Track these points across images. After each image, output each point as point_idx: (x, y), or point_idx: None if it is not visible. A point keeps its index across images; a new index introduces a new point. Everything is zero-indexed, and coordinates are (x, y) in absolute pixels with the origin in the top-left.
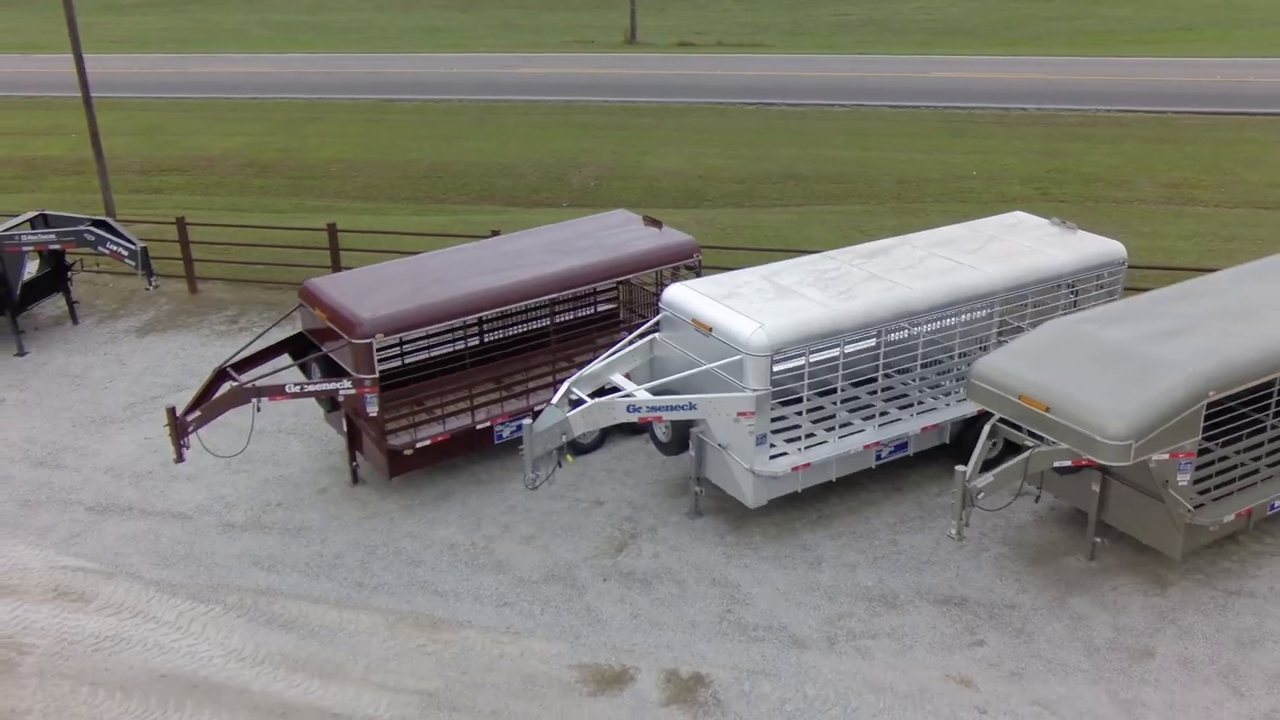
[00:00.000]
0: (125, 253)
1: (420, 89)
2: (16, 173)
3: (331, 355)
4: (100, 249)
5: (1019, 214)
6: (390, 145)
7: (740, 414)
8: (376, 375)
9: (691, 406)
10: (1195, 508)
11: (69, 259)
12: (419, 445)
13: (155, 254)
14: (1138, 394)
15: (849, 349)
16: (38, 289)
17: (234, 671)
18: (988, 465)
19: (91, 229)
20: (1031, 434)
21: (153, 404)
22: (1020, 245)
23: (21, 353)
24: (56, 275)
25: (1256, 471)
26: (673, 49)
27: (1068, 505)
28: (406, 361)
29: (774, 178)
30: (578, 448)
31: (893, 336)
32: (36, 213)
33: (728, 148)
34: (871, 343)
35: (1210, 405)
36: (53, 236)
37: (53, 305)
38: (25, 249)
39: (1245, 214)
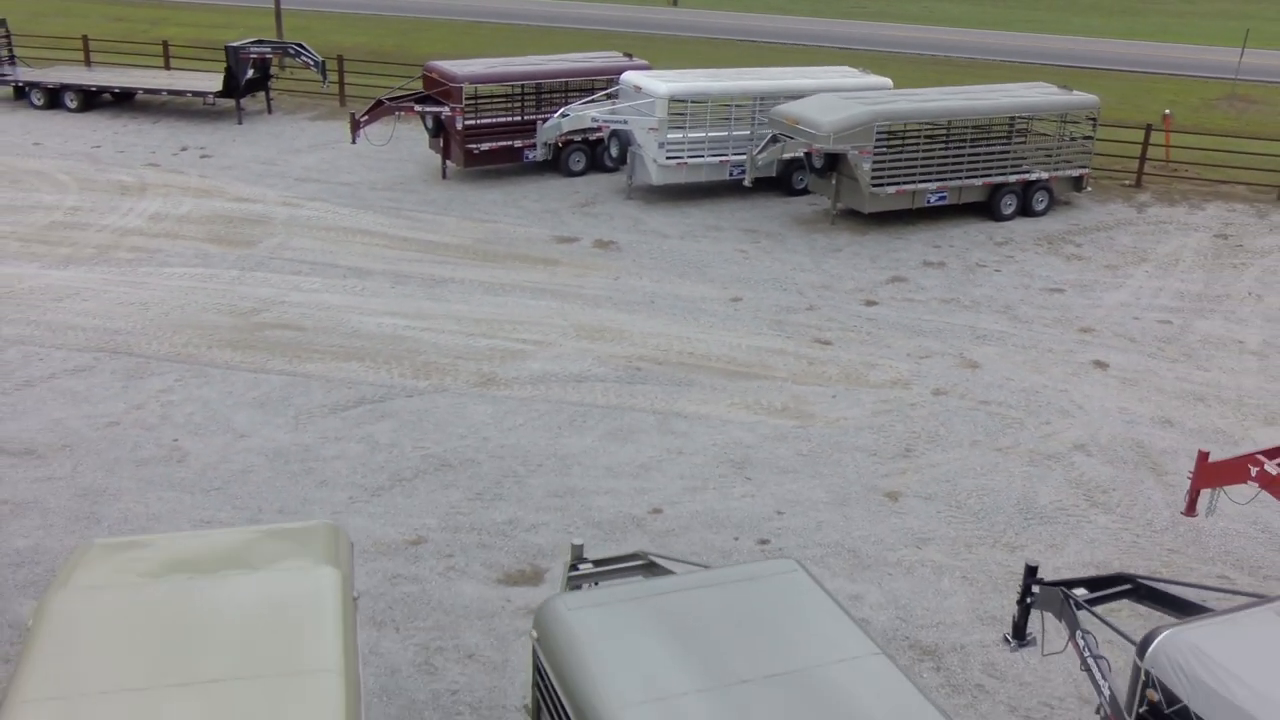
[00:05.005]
0: (312, 62)
1: (500, 16)
2: (202, 50)
3: (435, 95)
4: (297, 59)
5: (844, 66)
6: (474, 47)
7: (650, 129)
8: (464, 105)
9: (625, 122)
10: (874, 184)
11: (272, 70)
12: (482, 149)
13: (317, 80)
14: (839, 115)
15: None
16: (249, 87)
17: (376, 226)
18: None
19: (293, 45)
20: (788, 136)
21: (323, 147)
22: (830, 75)
23: (240, 122)
24: (262, 81)
25: (912, 172)
26: (702, 8)
27: (835, 209)
28: (480, 119)
29: None
30: (570, 171)
31: (742, 110)
32: (256, 39)
33: (713, 64)
34: (730, 115)
35: (894, 136)
36: (269, 49)
37: (253, 102)
38: (251, 56)
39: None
